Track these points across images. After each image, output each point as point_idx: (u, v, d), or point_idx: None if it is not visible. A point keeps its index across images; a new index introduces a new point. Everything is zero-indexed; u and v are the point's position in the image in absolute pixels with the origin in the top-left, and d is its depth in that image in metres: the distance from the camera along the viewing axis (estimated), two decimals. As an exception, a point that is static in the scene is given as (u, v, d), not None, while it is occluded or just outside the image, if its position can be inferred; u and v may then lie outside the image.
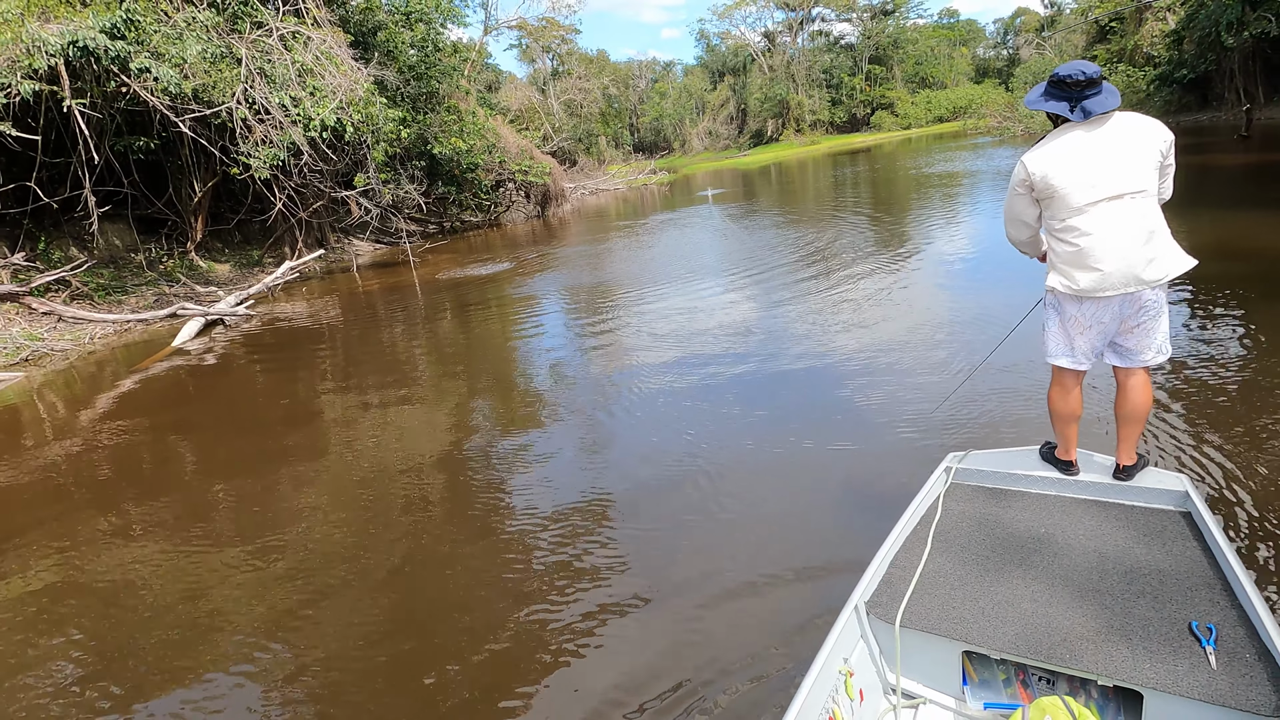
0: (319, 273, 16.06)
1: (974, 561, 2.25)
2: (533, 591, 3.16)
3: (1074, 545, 2.26)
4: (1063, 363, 2.63)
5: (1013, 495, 2.62)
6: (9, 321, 10.33)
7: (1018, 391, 4.42)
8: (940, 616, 2.03)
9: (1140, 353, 2.52)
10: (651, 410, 5.15)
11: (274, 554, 3.75)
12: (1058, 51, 42.46)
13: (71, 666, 3.03)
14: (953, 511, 2.55)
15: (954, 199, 14.75)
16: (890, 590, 2.16)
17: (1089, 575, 2.09)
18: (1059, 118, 2.46)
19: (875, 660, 2.10)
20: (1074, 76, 2.33)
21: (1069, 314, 2.56)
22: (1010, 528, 2.42)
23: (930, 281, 7.85)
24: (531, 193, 25.11)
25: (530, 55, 55.86)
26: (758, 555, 3.19)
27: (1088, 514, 2.42)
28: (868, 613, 2.11)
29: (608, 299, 9.57)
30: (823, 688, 1.85)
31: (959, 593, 2.12)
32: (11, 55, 9.26)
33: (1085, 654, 1.80)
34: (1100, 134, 2.37)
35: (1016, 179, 2.53)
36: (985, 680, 2.00)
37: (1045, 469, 2.66)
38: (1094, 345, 2.56)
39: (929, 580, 2.19)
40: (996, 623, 1.97)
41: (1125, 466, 2.54)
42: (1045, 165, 2.43)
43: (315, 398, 6.90)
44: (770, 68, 64.27)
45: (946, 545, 2.35)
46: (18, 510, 4.84)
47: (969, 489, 2.69)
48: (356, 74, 13.50)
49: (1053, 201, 2.46)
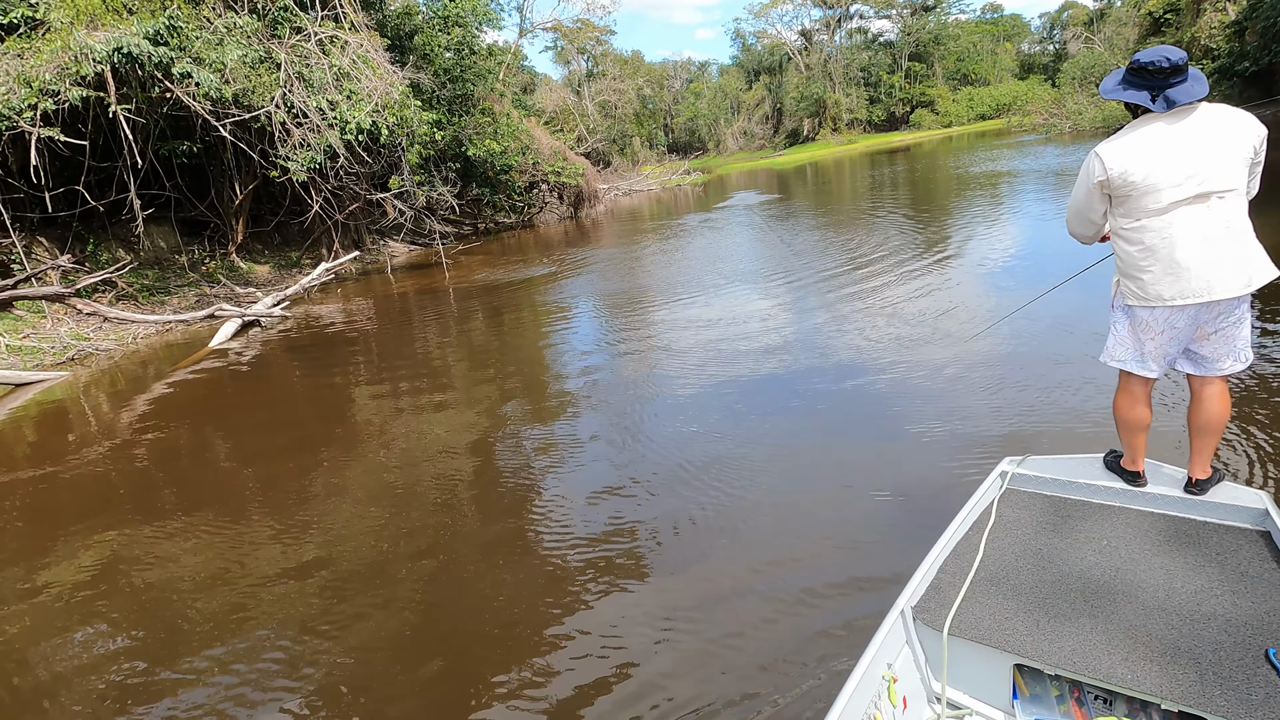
0: (354, 274, 16.24)
1: (1029, 571, 2.15)
2: (563, 591, 3.15)
3: (1139, 560, 2.12)
4: (1130, 368, 2.43)
5: (1073, 505, 2.48)
6: (58, 322, 10.62)
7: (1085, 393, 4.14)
8: (991, 626, 1.94)
9: (1218, 360, 2.32)
10: (687, 412, 5.01)
11: (309, 548, 3.83)
12: (1108, 45, 40.98)
13: (112, 646, 3.16)
14: (1007, 518, 2.43)
15: (1000, 200, 14.23)
16: (939, 596, 2.08)
17: (1154, 593, 1.97)
18: (1138, 108, 2.23)
19: (920, 668, 2.03)
20: (1157, 63, 2.10)
21: (1139, 318, 2.34)
22: (1069, 538, 2.29)
23: (977, 289, 7.51)
24: (565, 194, 25.14)
25: (565, 57, 56.15)
26: (795, 554, 3.16)
27: (1155, 528, 2.28)
28: (914, 618, 2.04)
29: (639, 306, 9.43)
30: (865, 693, 1.79)
31: (1012, 603, 2.02)
32: (61, 63, 9.50)
33: (1148, 675, 1.69)
34: (1185, 126, 2.14)
35: (1089, 173, 2.30)
36: (1037, 695, 1.91)
37: (1109, 478, 2.50)
38: (1166, 352, 2.36)
39: (980, 588, 2.09)
40: (1052, 636, 1.87)
41: (1199, 480, 2.35)
42: (1124, 160, 2.20)
43: (347, 398, 6.91)
44: (807, 66, 63.46)
45: (1000, 553, 2.25)
46: (66, 501, 4.97)
47: (1025, 495, 2.57)
48: (392, 77, 13.61)
49: (1128, 200, 2.23)
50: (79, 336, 10.30)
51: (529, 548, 3.60)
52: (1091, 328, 5.27)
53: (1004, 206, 13.12)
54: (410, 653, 2.87)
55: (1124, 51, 36.19)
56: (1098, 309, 5.61)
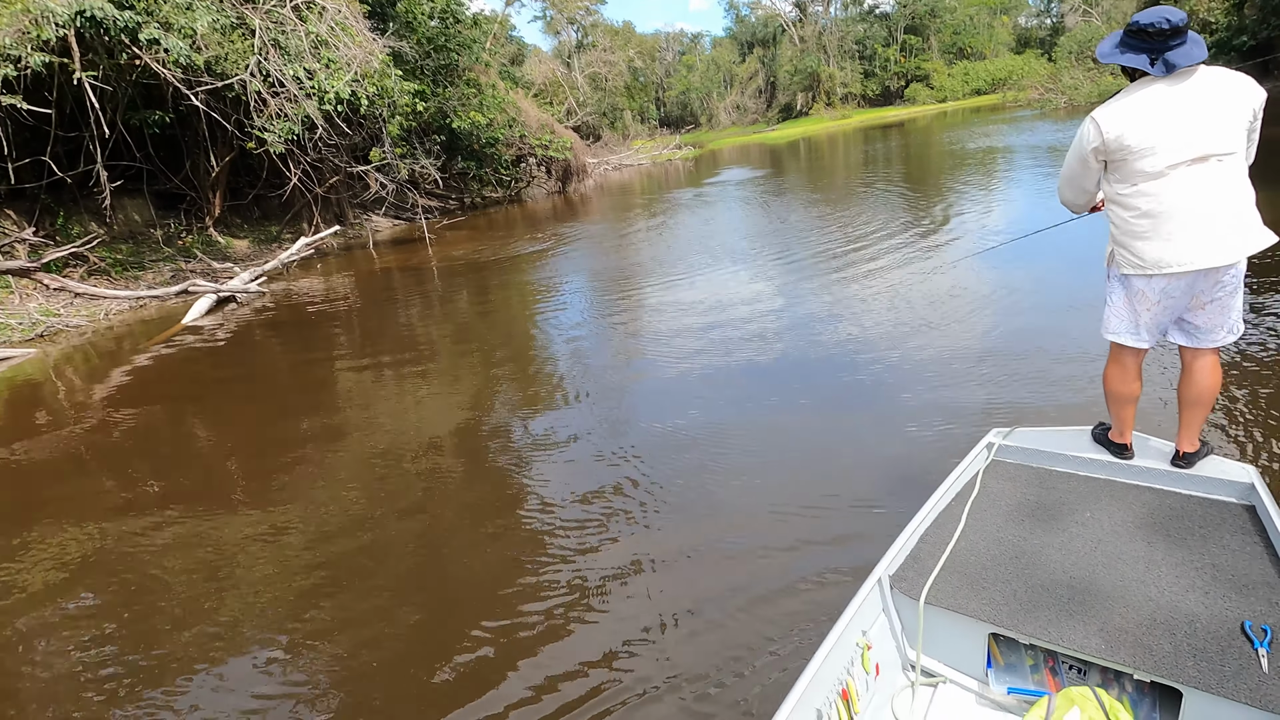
0: (336, 249, 15.93)
1: (1010, 542, 2.15)
2: (546, 563, 3.17)
3: (1121, 533, 2.13)
4: (1124, 340, 2.37)
5: (1059, 476, 2.47)
6: (26, 297, 10.33)
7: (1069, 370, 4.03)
8: (968, 596, 1.95)
9: (1211, 331, 2.27)
10: (674, 389, 4.95)
11: (288, 525, 3.79)
12: (1106, 19, 40.47)
13: (93, 632, 3.07)
14: (991, 490, 2.43)
15: (996, 176, 14.04)
16: (917, 565, 2.09)
17: (1135, 565, 1.97)
18: (1136, 72, 2.13)
19: (896, 635, 2.05)
20: (1156, 25, 2.00)
21: (1135, 288, 2.27)
22: (1053, 510, 2.28)
23: (972, 266, 7.38)
24: (552, 168, 24.73)
25: (555, 27, 54.99)
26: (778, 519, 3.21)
27: (1140, 501, 2.27)
28: (891, 587, 2.05)
29: (626, 286, 9.25)
30: (838, 659, 1.80)
31: (991, 573, 2.02)
32: (21, 26, 9.10)
33: (1123, 646, 1.71)
34: (1184, 89, 2.04)
35: (1085, 139, 2.21)
36: (1011, 665, 1.93)
37: (1097, 451, 2.50)
38: (1160, 322, 2.30)
39: (960, 558, 2.10)
40: (1029, 607, 1.88)
41: (1186, 454, 2.32)
42: (1121, 124, 2.10)
43: (323, 376, 6.74)
44: (801, 39, 62.47)
45: (982, 524, 2.25)
46: (38, 483, 4.86)
47: (1011, 467, 2.56)
48: (372, 46, 13.18)
49: (1124, 165, 2.14)
50: (48, 312, 10.03)
51: (519, 531, 3.52)
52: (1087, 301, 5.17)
53: (999, 183, 12.93)
54: (401, 630, 2.84)
55: (1122, 25, 35.71)
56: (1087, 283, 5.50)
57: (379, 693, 2.51)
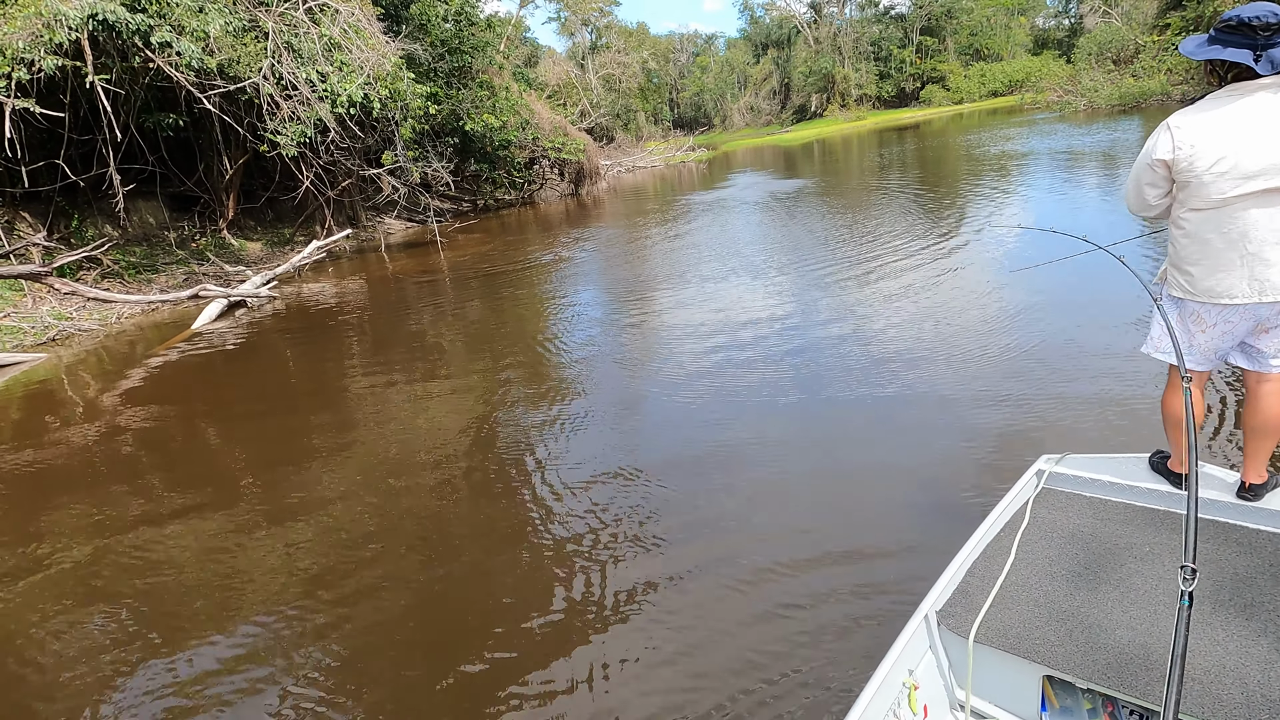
0: (349, 252, 15.90)
1: (1064, 577, 2.02)
2: (571, 583, 3.08)
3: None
4: (1177, 362, 2.18)
5: (1114, 507, 2.31)
6: (39, 301, 10.34)
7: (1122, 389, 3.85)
8: (1021, 635, 1.84)
9: (1277, 356, 2.08)
10: (691, 409, 4.76)
11: (299, 541, 3.73)
12: (1126, 19, 39.79)
13: (105, 633, 3.09)
14: (1042, 520, 2.29)
15: (1015, 184, 13.77)
16: (966, 601, 1.98)
17: (1200, 605, 1.84)
18: (1226, 75, 1.91)
19: (944, 674, 1.95)
20: (1263, 18, 1.80)
21: (1190, 309, 2.11)
22: (1109, 543, 2.14)
23: (1007, 283, 7.16)
24: (565, 170, 24.64)
25: (569, 29, 54.97)
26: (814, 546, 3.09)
27: (1203, 536, 2.10)
28: (939, 624, 1.95)
29: (639, 298, 9.10)
30: (884, 699, 1.73)
31: (1044, 610, 1.91)
32: (34, 30, 9.09)
33: (1189, 693, 1.58)
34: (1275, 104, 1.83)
35: (1153, 148, 2.02)
36: (1067, 708, 1.81)
37: (1155, 480, 2.34)
38: (1219, 348, 2.13)
39: (1010, 594, 1.98)
40: (1086, 648, 1.76)
41: (1253, 485, 2.15)
42: (1197, 138, 1.89)
43: (331, 384, 6.64)
44: (816, 40, 62.08)
45: (1033, 557, 2.12)
46: (50, 488, 4.85)
47: (1063, 496, 2.41)
48: (385, 48, 13.11)
49: (1188, 187, 1.95)
50: (61, 316, 10.03)
51: (538, 545, 3.44)
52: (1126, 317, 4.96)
53: (1021, 191, 12.67)
54: (412, 641, 2.82)
55: (1143, 26, 35.05)
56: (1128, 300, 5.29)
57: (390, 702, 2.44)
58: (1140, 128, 19.41)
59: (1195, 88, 26.29)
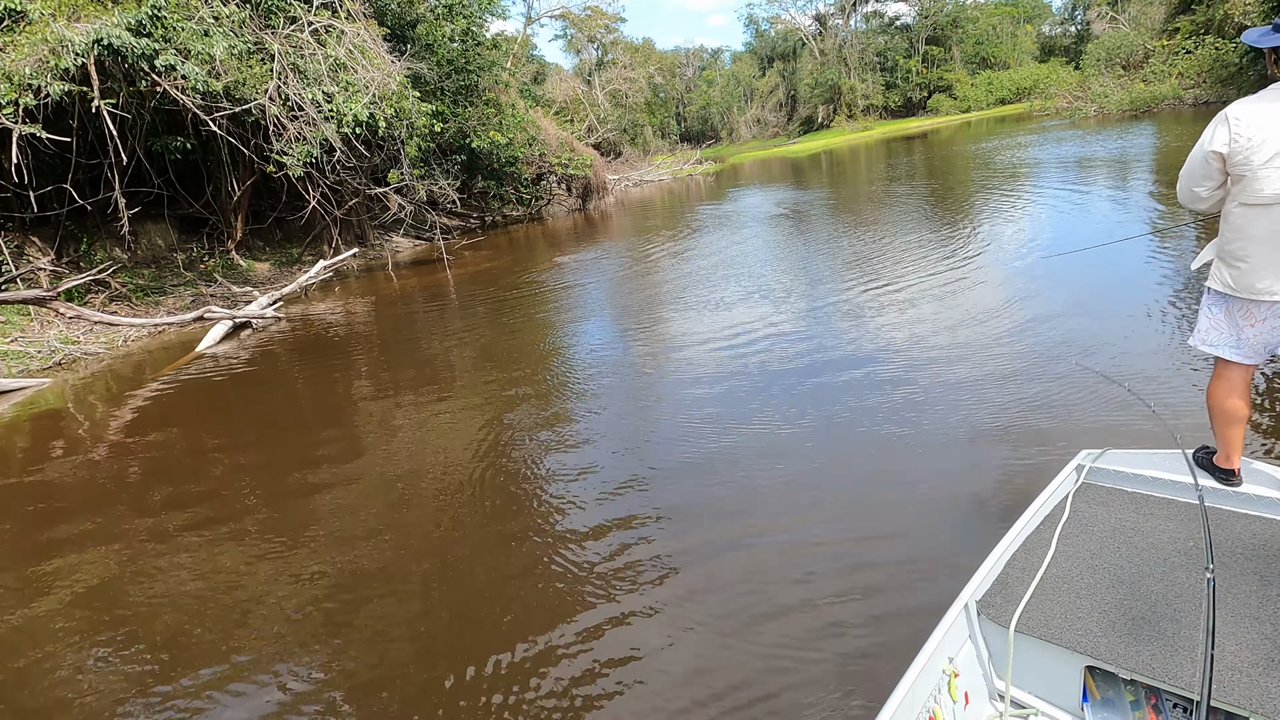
0: (356, 271, 15.88)
1: (1105, 570, 2.02)
2: (587, 593, 3.08)
3: (1230, 564, 1.97)
4: (1225, 354, 2.13)
5: (1157, 502, 2.29)
6: (46, 325, 10.32)
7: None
8: (1062, 625, 1.84)
9: None
10: (703, 430, 4.60)
11: (308, 567, 3.66)
12: (1134, 25, 39.56)
13: (113, 657, 3.08)
14: (1082, 514, 2.29)
15: (1029, 193, 13.56)
16: (1006, 591, 1.99)
17: (1247, 600, 1.81)
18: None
19: (984, 664, 1.96)
20: None
21: (1238, 303, 2.04)
22: (1151, 538, 2.12)
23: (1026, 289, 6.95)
24: (573, 186, 24.65)
25: (575, 46, 55.41)
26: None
27: (1249, 531, 2.09)
28: (979, 613, 1.97)
29: (649, 312, 8.95)
30: (925, 686, 1.74)
31: (1085, 602, 1.91)
32: (40, 56, 9.13)
33: (1237, 687, 1.57)
34: None
35: (1209, 138, 1.91)
36: (1109, 700, 1.81)
37: (1199, 476, 2.30)
38: (1267, 341, 2.06)
39: (1051, 585, 1.98)
40: (1128, 639, 1.76)
41: None
42: (1257, 129, 1.77)
43: (334, 406, 6.52)
44: (821, 52, 62.20)
45: (1074, 549, 2.12)
46: (56, 512, 4.81)
47: (1104, 490, 2.40)
48: (390, 68, 13.14)
49: (1242, 180, 1.84)
50: (67, 340, 10.00)
51: (549, 574, 3.30)
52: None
53: (1037, 200, 12.45)
54: (422, 660, 2.82)
55: (1151, 30, 34.76)
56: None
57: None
58: (1155, 132, 19.15)
59: (1208, 91, 26.03)
